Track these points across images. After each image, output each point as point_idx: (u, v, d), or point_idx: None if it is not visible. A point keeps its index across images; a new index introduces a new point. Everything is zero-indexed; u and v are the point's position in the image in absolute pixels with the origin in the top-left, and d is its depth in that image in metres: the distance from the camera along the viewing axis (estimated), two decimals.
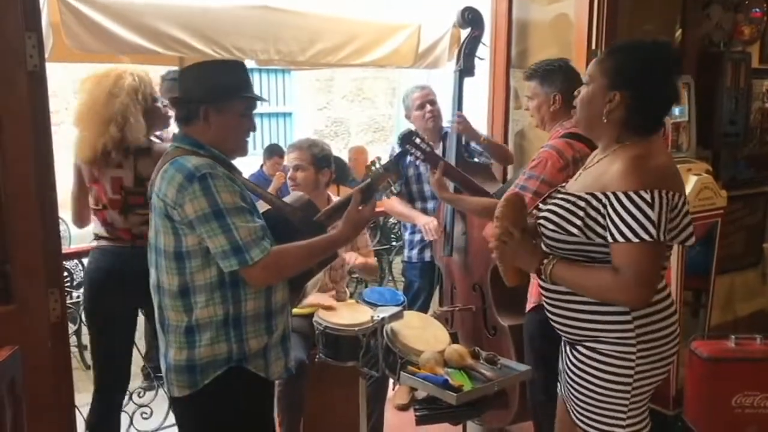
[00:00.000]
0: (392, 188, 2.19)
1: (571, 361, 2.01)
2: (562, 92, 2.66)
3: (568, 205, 1.89)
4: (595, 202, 1.83)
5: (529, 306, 2.70)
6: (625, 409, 1.94)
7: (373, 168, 2.35)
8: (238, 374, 2.05)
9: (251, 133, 2.16)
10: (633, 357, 1.90)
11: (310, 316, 2.79)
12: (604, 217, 1.81)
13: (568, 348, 2.04)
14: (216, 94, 2.05)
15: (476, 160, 3.63)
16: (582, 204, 1.85)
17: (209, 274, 1.99)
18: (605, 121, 1.88)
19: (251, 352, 2.06)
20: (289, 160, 3.17)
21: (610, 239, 1.80)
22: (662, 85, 1.89)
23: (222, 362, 2.03)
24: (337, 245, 2.24)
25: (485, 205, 2.51)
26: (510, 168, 3.74)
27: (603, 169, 1.89)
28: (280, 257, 2.00)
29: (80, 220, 3.06)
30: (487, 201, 2.53)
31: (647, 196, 1.76)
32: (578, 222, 1.84)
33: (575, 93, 2.00)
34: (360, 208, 2.21)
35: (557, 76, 2.71)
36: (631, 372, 1.91)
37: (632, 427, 1.96)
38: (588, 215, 1.83)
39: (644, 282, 1.80)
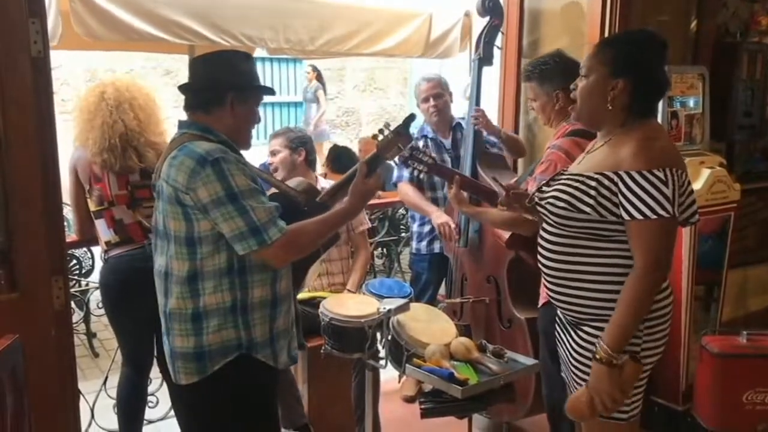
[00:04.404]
0: (404, 152, 2.14)
1: (575, 341, 2.03)
2: (563, 88, 2.57)
3: (577, 185, 1.94)
4: (606, 182, 1.89)
5: (542, 301, 2.65)
6: None
7: (381, 135, 2.30)
8: (247, 362, 2.05)
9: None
10: (641, 334, 1.93)
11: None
12: (616, 195, 1.87)
13: (570, 330, 2.06)
14: (244, 81, 2.08)
15: (492, 149, 3.57)
16: (592, 183, 1.91)
17: (219, 259, 1.99)
18: (610, 108, 1.95)
19: (258, 340, 2.06)
20: (269, 147, 3.37)
21: (627, 217, 1.85)
22: (659, 70, 1.98)
23: (232, 348, 2.03)
24: (347, 217, 2.24)
25: (505, 219, 2.55)
26: (520, 161, 3.69)
27: (610, 151, 1.95)
28: (297, 234, 2.01)
29: (84, 232, 3.00)
30: (507, 215, 2.48)
31: (660, 174, 1.83)
32: (590, 201, 1.90)
33: (572, 87, 2.06)
34: (366, 179, 2.17)
35: (555, 73, 2.65)
36: (638, 349, 1.93)
37: (635, 410, 2.02)
38: (599, 193, 1.89)
39: (663, 257, 1.87)
